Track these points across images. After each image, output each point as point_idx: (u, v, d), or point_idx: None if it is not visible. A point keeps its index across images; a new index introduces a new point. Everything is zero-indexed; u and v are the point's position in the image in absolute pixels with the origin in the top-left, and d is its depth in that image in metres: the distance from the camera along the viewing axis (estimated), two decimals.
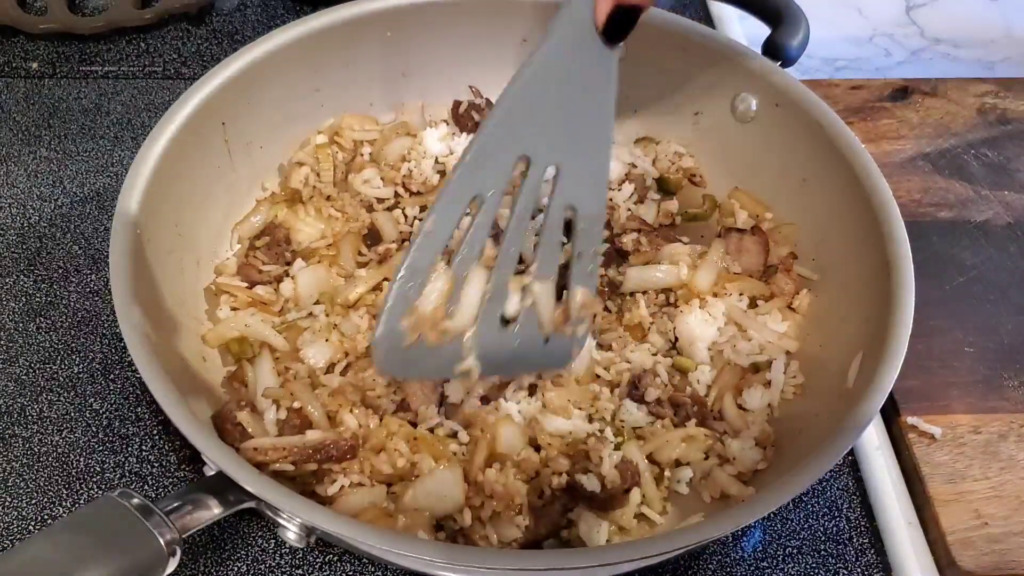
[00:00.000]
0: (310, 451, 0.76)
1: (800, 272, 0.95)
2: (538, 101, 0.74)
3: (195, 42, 1.25)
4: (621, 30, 0.74)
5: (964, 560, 0.82)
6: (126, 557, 0.62)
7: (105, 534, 0.62)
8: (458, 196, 0.73)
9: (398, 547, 0.65)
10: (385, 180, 1.00)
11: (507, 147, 0.74)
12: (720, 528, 0.68)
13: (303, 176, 0.99)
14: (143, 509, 0.64)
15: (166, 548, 0.63)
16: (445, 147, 1.01)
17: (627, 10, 0.72)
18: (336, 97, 1.03)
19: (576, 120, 0.76)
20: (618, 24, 0.73)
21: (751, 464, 0.82)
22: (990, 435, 0.90)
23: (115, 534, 0.62)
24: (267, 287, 0.92)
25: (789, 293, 0.93)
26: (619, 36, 0.74)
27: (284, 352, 0.87)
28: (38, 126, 1.13)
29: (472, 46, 1.06)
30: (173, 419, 0.69)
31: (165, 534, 0.63)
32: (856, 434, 0.72)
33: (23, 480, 0.85)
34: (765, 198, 1.01)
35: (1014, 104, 1.21)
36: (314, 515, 0.66)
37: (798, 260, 0.96)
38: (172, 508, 0.65)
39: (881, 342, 0.77)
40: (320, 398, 0.83)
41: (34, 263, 1.00)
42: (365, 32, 1.00)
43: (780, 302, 0.93)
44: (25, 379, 0.91)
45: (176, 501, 0.66)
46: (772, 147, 0.99)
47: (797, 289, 0.93)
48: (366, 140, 1.04)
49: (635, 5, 0.73)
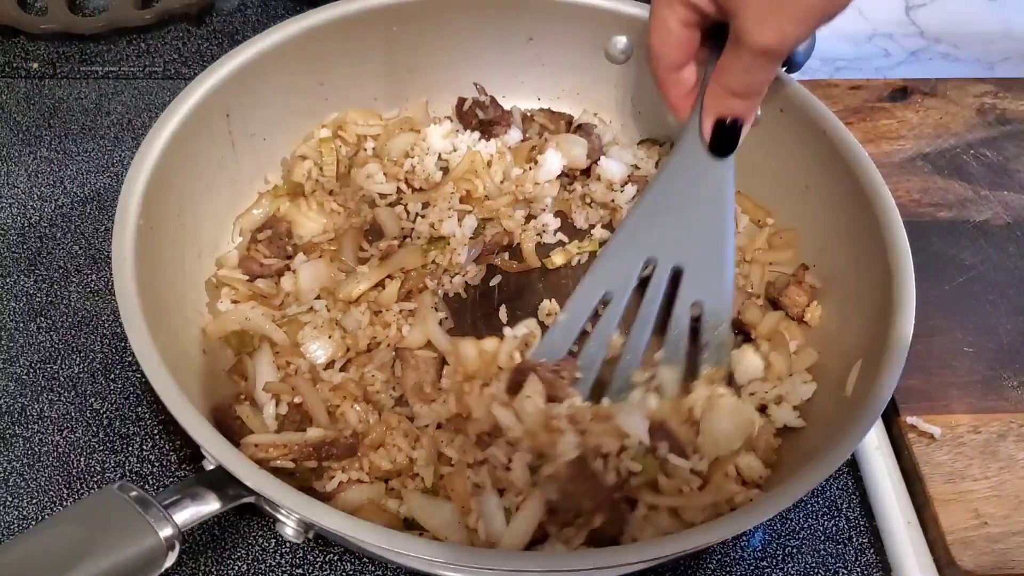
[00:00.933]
0: (311, 449, 0.76)
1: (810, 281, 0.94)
2: (662, 210, 0.85)
3: (195, 42, 1.25)
4: (727, 145, 0.80)
5: (964, 560, 0.82)
6: (124, 550, 0.61)
7: (103, 527, 0.62)
8: (591, 292, 0.84)
9: (396, 546, 0.65)
10: (388, 176, 1.00)
11: (635, 251, 0.85)
12: (717, 534, 0.68)
13: (306, 170, 0.99)
14: (142, 502, 0.63)
15: (165, 542, 0.63)
16: (448, 144, 1.01)
17: (730, 127, 0.78)
18: (341, 91, 1.03)
19: (697, 224, 0.85)
20: (723, 140, 0.79)
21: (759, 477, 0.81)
22: (989, 435, 0.90)
23: (113, 527, 0.62)
24: (268, 280, 0.92)
25: (802, 306, 0.92)
26: (726, 150, 0.81)
27: (284, 346, 0.87)
28: (38, 126, 1.13)
29: (478, 43, 1.05)
30: (173, 411, 0.68)
31: (164, 528, 0.63)
32: (854, 444, 0.72)
33: (24, 480, 0.85)
34: (767, 203, 1.01)
35: (1014, 104, 1.21)
36: (313, 512, 0.65)
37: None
38: (171, 502, 0.65)
39: (880, 352, 0.77)
40: (321, 392, 0.83)
41: (35, 263, 1.00)
42: (371, 27, 1.00)
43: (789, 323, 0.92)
44: (26, 379, 0.91)
45: (175, 495, 0.66)
46: (775, 152, 0.98)
47: (810, 301, 0.92)
48: (370, 135, 1.04)
49: (736, 119, 0.77)
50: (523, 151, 1.03)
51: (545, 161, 0.99)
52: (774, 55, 0.72)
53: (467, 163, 0.98)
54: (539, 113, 1.08)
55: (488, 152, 1.00)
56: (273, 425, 0.82)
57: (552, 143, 1.02)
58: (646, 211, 0.84)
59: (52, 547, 0.61)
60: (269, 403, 0.83)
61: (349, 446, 0.78)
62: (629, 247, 0.84)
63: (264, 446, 0.75)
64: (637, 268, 0.84)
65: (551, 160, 1.00)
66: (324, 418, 0.82)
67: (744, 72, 0.74)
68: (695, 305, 0.85)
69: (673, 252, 0.85)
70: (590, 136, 1.04)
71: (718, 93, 0.78)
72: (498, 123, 1.03)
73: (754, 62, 0.72)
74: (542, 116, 1.08)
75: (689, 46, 0.78)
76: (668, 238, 0.85)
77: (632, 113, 1.09)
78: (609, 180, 1.02)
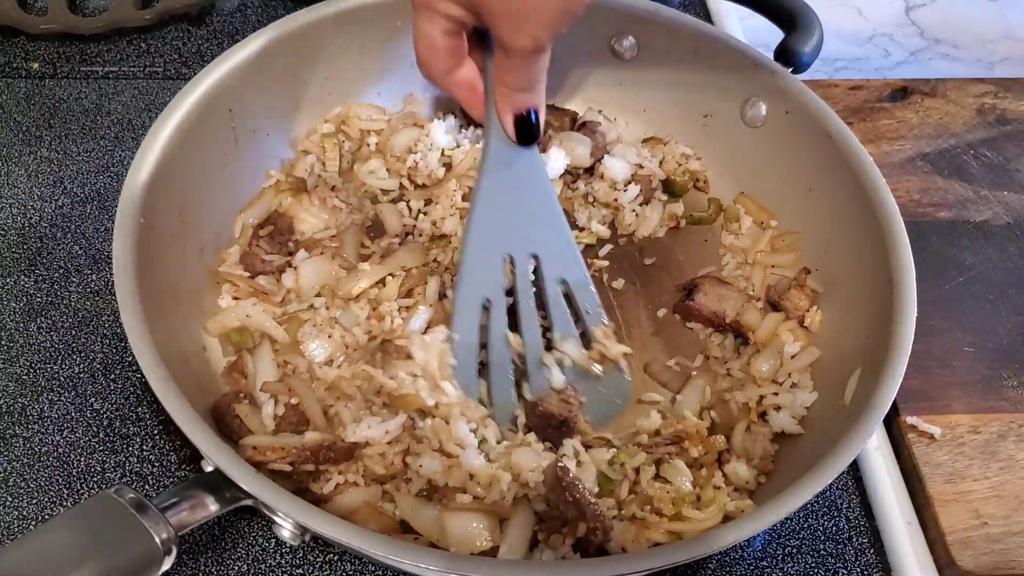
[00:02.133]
0: (309, 452, 0.76)
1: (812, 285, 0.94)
2: (496, 208, 0.85)
3: (196, 42, 1.25)
4: (532, 134, 0.82)
5: (963, 560, 0.82)
6: (120, 554, 0.61)
7: (99, 531, 0.62)
8: (469, 305, 0.85)
9: (392, 553, 0.65)
10: (391, 172, 1.00)
11: (490, 253, 0.85)
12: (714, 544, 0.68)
13: (308, 165, 0.99)
14: (138, 505, 0.63)
15: (161, 546, 0.63)
16: (452, 139, 1.01)
17: (527, 119, 0.81)
18: (344, 86, 1.03)
19: (530, 210, 0.87)
20: (526, 131, 0.82)
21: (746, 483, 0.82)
22: (989, 435, 0.91)
23: (109, 531, 0.62)
24: (269, 277, 0.92)
25: (803, 309, 0.92)
26: (533, 138, 0.83)
27: (284, 344, 0.87)
28: (39, 126, 1.13)
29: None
30: (172, 414, 0.68)
31: (160, 532, 0.63)
32: (853, 453, 0.71)
33: (24, 480, 0.85)
34: (770, 205, 1.01)
35: (1013, 104, 1.21)
36: (309, 518, 0.65)
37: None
38: (168, 505, 0.65)
39: (881, 361, 0.76)
40: (317, 391, 0.82)
41: (35, 263, 1.00)
42: (375, 21, 1.00)
43: (791, 325, 0.92)
44: (26, 379, 0.91)
45: (172, 497, 0.66)
46: (780, 154, 0.98)
47: (811, 304, 0.92)
48: (373, 130, 1.03)
49: (529, 110, 0.80)
50: None
51: (548, 159, 0.99)
52: (537, 53, 0.75)
53: (470, 160, 0.97)
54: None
55: None
56: (271, 425, 0.82)
57: (556, 141, 1.01)
58: (482, 214, 0.85)
59: (49, 552, 0.60)
60: (268, 402, 0.83)
61: (347, 449, 0.78)
62: (483, 252, 0.85)
63: (262, 449, 0.75)
64: (499, 267, 0.86)
65: (554, 158, 0.99)
66: (321, 420, 0.81)
67: (517, 70, 0.77)
68: (562, 283, 0.87)
69: (522, 242, 0.86)
70: (594, 134, 1.03)
71: (504, 92, 0.80)
72: None
73: (522, 61, 0.75)
74: (546, 113, 1.07)
75: (457, 52, 0.80)
76: (511, 231, 0.86)
77: (637, 111, 1.09)
78: (612, 179, 1.02)
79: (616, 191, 1.01)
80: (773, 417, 0.85)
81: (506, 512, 0.76)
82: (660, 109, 1.08)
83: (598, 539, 0.74)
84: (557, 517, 0.76)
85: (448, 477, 0.77)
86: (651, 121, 1.09)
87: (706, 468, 0.82)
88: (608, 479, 0.79)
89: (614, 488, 0.79)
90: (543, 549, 0.76)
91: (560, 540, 0.76)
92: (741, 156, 1.03)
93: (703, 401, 0.88)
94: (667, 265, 1.01)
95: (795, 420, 0.85)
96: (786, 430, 0.84)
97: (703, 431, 0.84)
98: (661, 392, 0.90)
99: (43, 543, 0.61)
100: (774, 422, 0.85)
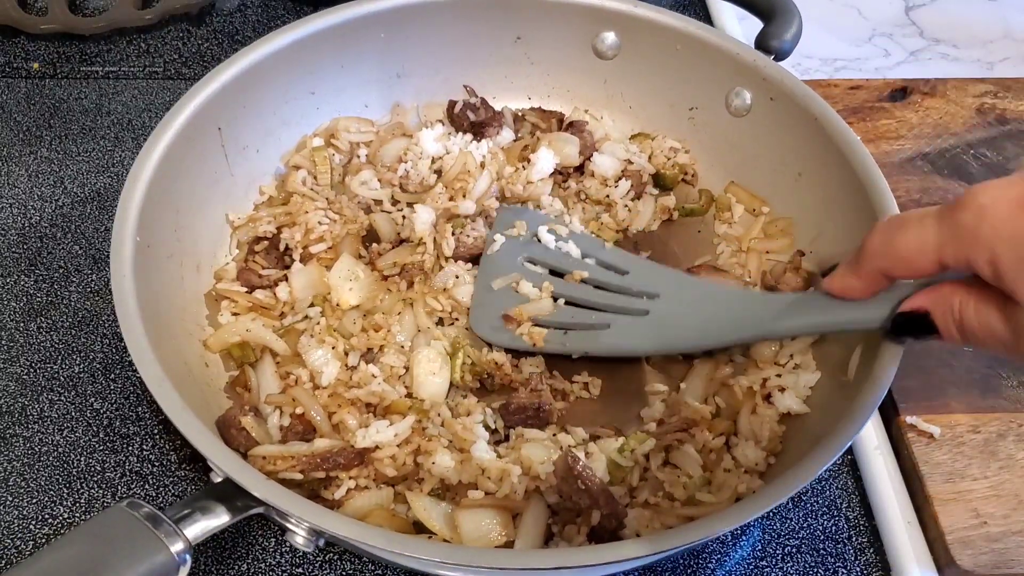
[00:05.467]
0: (318, 460, 0.77)
1: (806, 267, 0.94)
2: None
3: (195, 43, 1.25)
4: (904, 330, 0.70)
5: (963, 559, 0.82)
6: (136, 567, 0.62)
7: (115, 545, 0.62)
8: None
9: (410, 551, 0.65)
10: (382, 181, 1.00)
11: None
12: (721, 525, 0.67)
13: (300, 179, 0.99)
14: (152, 518, 0.64)
15: (176, 557, 0.63)
16: (441, 147, 1.01)
17: (924, 321, 0.67)
18: (331, 99, 1.04)
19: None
20: (905, 325, 0.69)
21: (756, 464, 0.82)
22: (989, 434, 0.90)
23: (125, 545, 0.63)
24: (266, 291, 0.92)
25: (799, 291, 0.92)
26: (905, 332, 0.70)
27: (285, 356, 0.87)
28: (39, 126, 1.13)
29: (466, 45, 1.06)
30: (180, 427, 0.69)
31: (175, 543, 0.64)
32: (858, 426, 0.72)
33: (24, 479, 0.85)
34: (761, 192, 1.02)
35: (1013, 104, 1.21)
36: (325, 521, 0.66)
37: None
38: (180, 516, 0.66)
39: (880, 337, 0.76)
40: (320, 399, 0.83)
41: (35, 263, 1.00)
42: (359, 34, 1.01)
43: None
44: (26, 379, 0.91)
45: (185, 509, 0.66)
46: (767, 141, 0.99)
47: (806, 286, 0.93)
48: (362, 142, 1.04)
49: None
50: (515, 151, 1.03)
51: (538, 160, 1.00)
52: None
53: (460, 165, 0.98)
54: (530, 112, 1.09)
55: (481, 153, 1.00)
56: (277, 436, 0.82)
57: (544, 142, 1.02)
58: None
59: (65, 568, 0.61)
60: (273, 414, 0.83)
61: (356, 454, 0.78)
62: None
63: (272, 458, 0.76)
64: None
65: (544, 159, 1.00)
66: (327, 428, 0.82)
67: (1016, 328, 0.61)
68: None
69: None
70: (582, 133, 1.04)
71: (961, 310, 0.64)
72: (490, 124, 1.03)
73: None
74: (533, 115, 1.08)
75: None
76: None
77: (623, 108, 1.10)
78: (603, 176, 1.02)
79: (607, 188, 1.02)
80: (778, 398, 0.85)
81: (519, 507, 0.77)
82: (646, 105, 1.09)
83: (612, 525, 0.74)
84: (570, 508, 0.76)
85: (461, 473, 0.78)
86: (638, 117, 1.10)
87: (715, 452, 0.83)
88: (618, 466, 0.80)
89: (625, 475, 0.80)
90: (558, 542, 0.76)
91: (575, 531, 0.76)
92: (729, 146, 1.04)
93: (707, 388, 0.89)
94: (663, 257, 1.01)
95: (800, 400, 0.85)
96: (792, 410, 0.85)
97: (708, 417, 0.84)
98: (664, 382, 0.90)
99: (59, 559, 0.62)
100: (779, 403, 0.85)
